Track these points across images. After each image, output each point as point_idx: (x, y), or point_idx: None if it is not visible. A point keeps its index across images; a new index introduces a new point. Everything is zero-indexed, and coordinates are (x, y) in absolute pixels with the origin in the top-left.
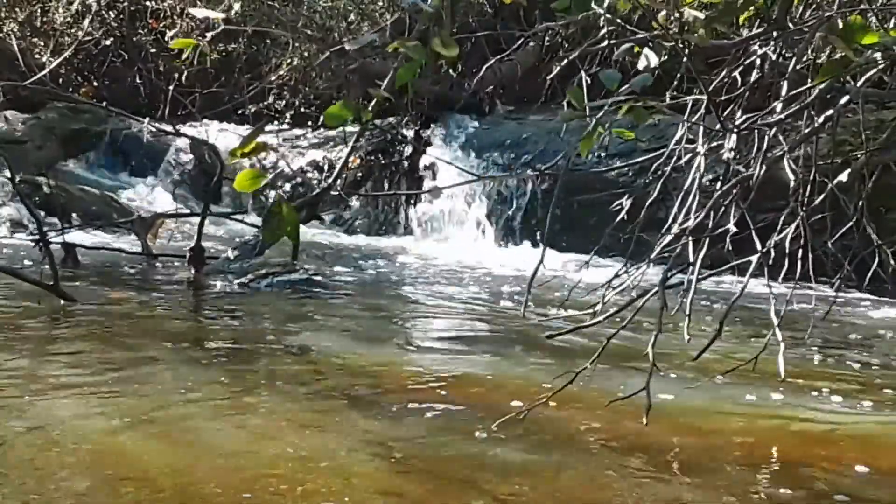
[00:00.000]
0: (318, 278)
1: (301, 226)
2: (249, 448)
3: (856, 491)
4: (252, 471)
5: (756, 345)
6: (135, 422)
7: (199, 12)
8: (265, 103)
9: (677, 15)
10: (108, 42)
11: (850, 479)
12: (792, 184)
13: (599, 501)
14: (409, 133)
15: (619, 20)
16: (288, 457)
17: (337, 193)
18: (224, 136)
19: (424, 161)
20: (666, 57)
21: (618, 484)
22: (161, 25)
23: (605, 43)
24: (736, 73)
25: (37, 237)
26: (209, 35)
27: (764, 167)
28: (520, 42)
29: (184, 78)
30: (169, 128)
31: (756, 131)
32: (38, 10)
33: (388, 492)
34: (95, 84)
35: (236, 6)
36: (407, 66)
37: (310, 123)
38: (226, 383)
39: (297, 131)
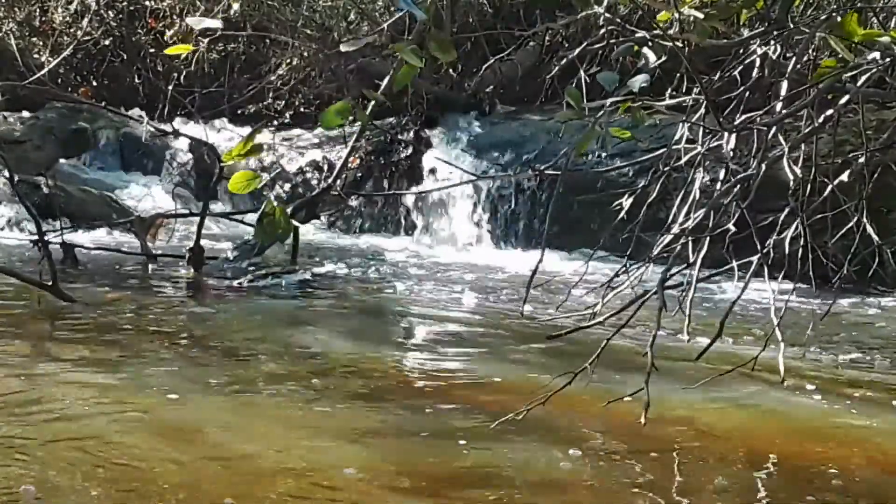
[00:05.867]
0: (318, 278)
1: (301, 226)
2: (249, 448)
3: (856, 491)
4: (251, 470)
5: (756, 345)
6: (134, 422)
7: (195, 22)
8: (265, 103)
9: (677, 15)
10: (106, 42)
11: (850, 478)
12: (792, 184)
13: (598, 501)
14: (409, 133)
15: (618, 20)
16: (287, 457)
17: (336, 194)
18: (224, 135)
19: (424, 161)
20: (665, 57)
21: (616, 484)
22: (160, 25)
23: (605, 43)
24: (736, 73)
25: (36, 237)
26: (206, 40)
27: (764, 167)
28: (520, 42)
29: (182, 78)
30: (168, 128)
31: (756, 131)
32: (37, 10)
33: (387, 492)
34: (94, 84)
35: (235, 6)
36: (405, 69)
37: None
38: (225, 383)
39: (297, 131)
